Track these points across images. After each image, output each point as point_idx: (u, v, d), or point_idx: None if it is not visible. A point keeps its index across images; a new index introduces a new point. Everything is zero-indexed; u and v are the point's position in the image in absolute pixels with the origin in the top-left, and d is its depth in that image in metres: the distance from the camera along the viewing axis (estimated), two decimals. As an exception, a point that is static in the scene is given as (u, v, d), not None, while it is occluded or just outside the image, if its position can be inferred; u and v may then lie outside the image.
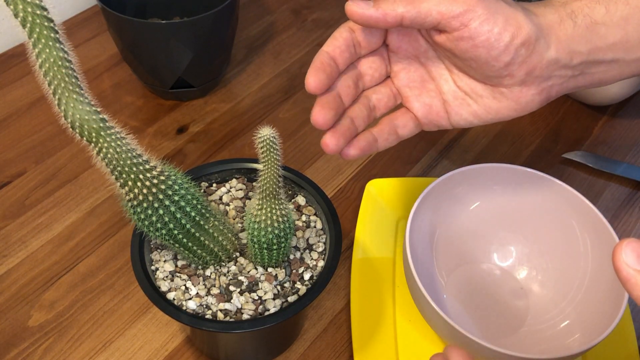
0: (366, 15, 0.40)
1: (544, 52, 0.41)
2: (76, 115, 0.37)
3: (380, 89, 0.47)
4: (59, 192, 0.65)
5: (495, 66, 0.41)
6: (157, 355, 0.53)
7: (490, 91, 0.44)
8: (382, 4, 0.40)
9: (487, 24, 0.40)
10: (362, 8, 0.40)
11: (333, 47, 0.43)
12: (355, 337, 0.53)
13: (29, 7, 0.33)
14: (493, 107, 0.45)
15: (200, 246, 0.46)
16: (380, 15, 0.40)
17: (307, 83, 0.42)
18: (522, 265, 0.57)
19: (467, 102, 0.45)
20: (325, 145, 0.43)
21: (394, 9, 0.40)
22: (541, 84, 0.43)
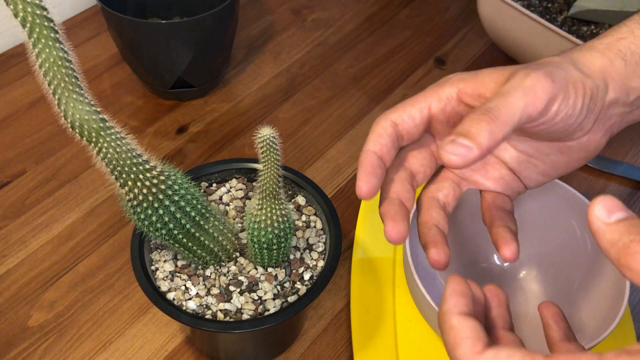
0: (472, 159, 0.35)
1: (604, 96, 0.41)
2: (76, 115, 0.37)
3: (443, 183, 0.45)
4: (59, 192, 0.65)
5: (569, 130, 0.40)
6: (157, 355, 0.53)
7: (557, 148, 0.43)
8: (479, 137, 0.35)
9: (565, 101, 0.38)
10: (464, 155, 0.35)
11: (380, 146, 0.41)
12: (355, 337, 0.53)
13: (29, 7, 0.33)
14: (562, 162, 0.43)
15: (200, 246, 0.46)
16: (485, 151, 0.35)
17: (359, 189, 0.40)
18: (522, 265, 0.57)
19: (534, 164, 0.44)
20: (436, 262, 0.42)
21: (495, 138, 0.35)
22: (605, 125, 0.42)
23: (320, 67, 0.79)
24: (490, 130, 0.35)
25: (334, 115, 0.74)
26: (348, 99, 0.75)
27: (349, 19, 0.87)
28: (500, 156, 0.44)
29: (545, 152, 0.43)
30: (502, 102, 0.36)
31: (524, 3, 0.77)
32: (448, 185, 0.45)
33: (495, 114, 0.36)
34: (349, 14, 0.88)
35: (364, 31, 0.85)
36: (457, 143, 0.35)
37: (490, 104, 0.36)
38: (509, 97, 0.36)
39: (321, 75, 0.78)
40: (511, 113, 0.36)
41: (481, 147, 0.35)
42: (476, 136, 0.35)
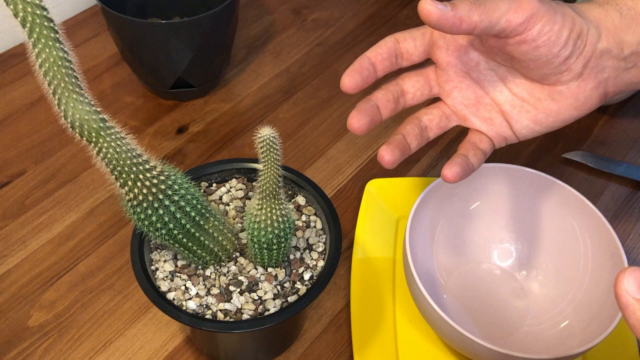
0: (444, 17, 0.39)
1: (596, 42, 0.42)
2: (76, 115, 0.37)
3: (432, 110, 0.47)
4: (59, 192, 0.65)
5: (554, 62, 0.42)
6: (157, 355, 0.53)
7: (548, 92, 0.44)
8: (459, 9, 0.39)
9: (548, 24, 0.41)
10: (440, 9, 0.39)
11: (375, 53, 0.45)
12: (355, 337, 0.53)
13: (29, 7, 0.33)
14: (553, 109, 0.45)
15: (200, 246, 0.46)
16: (457, 19, 0.39)
17: (342, 82, 0.44)
18: (522, 265, 0.57)
19: (526, 109, 0.45)
20: (381, 157, 0.45)
21: (469, 17, 0.39)
22: (597, 76, 0.43)
23: (320, 67, 0.79)
24: (470, 9, 0.40)
25: (334, 115, 0.74)
26: (348, 99, 0.75)
27: (349, 19, 0.87)
28: (495, 98, 0.46)
29: (537, 97, 0.45)
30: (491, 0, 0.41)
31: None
32: (436, 113, 0.47)
33: (480, 3, 0.40)
34: (349, 14, 0.88)
35: (364, 31, 0.85)
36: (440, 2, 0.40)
37: None
38: None
39: (321, 75, 0.78)
40: (492, 8, 0.40)
41: (456, 13, 0.39)
42: (456, 6, 0.40)
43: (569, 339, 0.49)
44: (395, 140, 0.45)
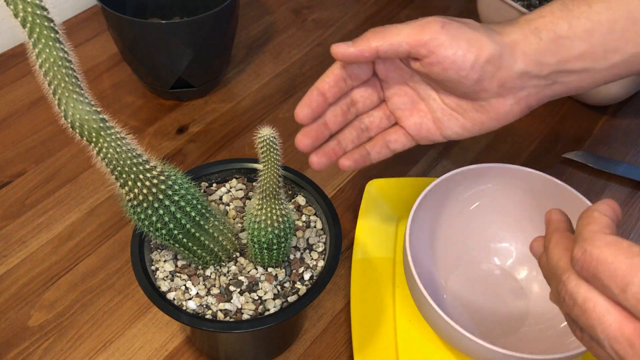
0: (347, 54, 0.47)
1: (512, 65, 0.46)
2: (76, 115, 0.37)
3: (374, 112, 0.52)
4: (59, 192, 0.65)
5: (466, 84, 0.46)
6: (157, 355, 0.53)
7: (472, 105, 0.48)
8: (358, 43, 0.46)
9: (451, 49, 0.45)
10: (343, 48, 0.47)
11: (322, 83, 0.49)
12: (355, 337, 0.53)
13: (29, 7, 0.33)
14: (477, 119, 0.49)
15: (200, 246, 0.46)
16: (358, 51, 0.46)
17: (295, 115, 0.49)
18: (522, 265, 0.57)
19: (455, 117, 0.50)
20: (310, 163, 0.50)
21: (368, 45, 0.46)
22: (517, 94, 0.47)
23: (320, 67, 0.79)
24: (368, 39, 0.46)
25: (334, 115, 0.74)
26: (348, 99, 0.75)
27: (349, 19, 0.87)
28: (429, 105, 0.51)
29: (464, 108, 0.49)
30: (393, 27, 0.46)
31: (524, 3, 0.77)
32: (377, 115, 0.52)
33: (381, 31, 0.47)
34: (349, 14, 0.88)
35: (364, 31, 0.84)
36: (345, 43, 0.47)
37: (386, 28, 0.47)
38: (402, 26, 0.46)
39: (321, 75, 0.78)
40: (392, 35, 0.46)
41: (356, 47, 0.46)
42: (357, 41, 0.47)
43: (569, 339, 0.49)
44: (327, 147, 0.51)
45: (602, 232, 0.33)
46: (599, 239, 0.32)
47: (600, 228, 0.33)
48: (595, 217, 0.34)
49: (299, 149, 0.49)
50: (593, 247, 0.32)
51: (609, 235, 0.33)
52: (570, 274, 0.34)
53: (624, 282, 0.30)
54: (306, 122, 0.49)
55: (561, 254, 0.36)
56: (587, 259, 0.32)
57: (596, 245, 0.32)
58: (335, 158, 0.51)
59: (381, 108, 0.52)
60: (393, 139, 0.52)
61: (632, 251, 0.31)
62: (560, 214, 0.41)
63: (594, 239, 0.32)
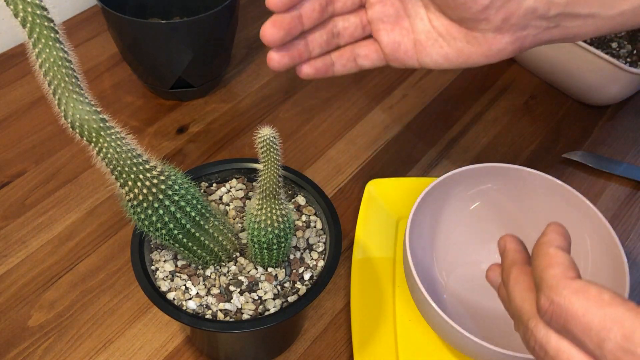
0: None
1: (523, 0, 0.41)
2: (76, 115, 0.37)
3: (350, 17, 0.46)
4: (59, 192, 0.65)
5: (472, 8, 0.41)
6: (157, 355, 0.53)
7: (465, 34, 0.44)
8: None
9: None
10: None
11: None
12: (355, 337, 0.53)
13: (29, 7, 0.33)
14: (464, 51, 0.44)
15: (200, 246, 0.46)
16: None
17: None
18: (522, 265, 0.57)
19: (440, 44, 0.45)
20: (269, 60, 0.43)
21: None
22: (516, 32, 0.43)
23: (320, 67, 0.79)
24: None
25: (334, 115, 0.74)
26: (348, 99, 0.75)
27: None
28: (415, 25, 0.45)
29: (454, 36, 0.44)
30: None
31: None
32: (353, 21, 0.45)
33: None
34: (349, 14, 0.88)
35: (364, 31, 0.85)
36: None
37: None
38: None
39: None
40: None
41: None
42: None
43: (569, 339, 0.49)
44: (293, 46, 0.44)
45: (566, 276, 0.31)
46: (565, 287, 0.31)
47: (563, 271, 0.32)
48: (553, 254, 0.33)
49: (265, 41, 0.42)
50: (560, 297, 0.30)
51: (574, 280, 0.31)
52: (537, 321, 0.32)
53: (598, 337, 0.29)
54: (281, 10, 0.42)
55: (524, 295, 0.34)
56: (555, 310, 0.30)
57: (563, 295, 0.30)
58: (299, 60, 0.45)
59: (359, 14, 0.46)
60: (363, 53, 0.46)
61: (602, 299, 0.29)
62: (515, 242, 0.39)
63: (559, 286, 0.31)
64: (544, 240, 0.35)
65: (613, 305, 0.29)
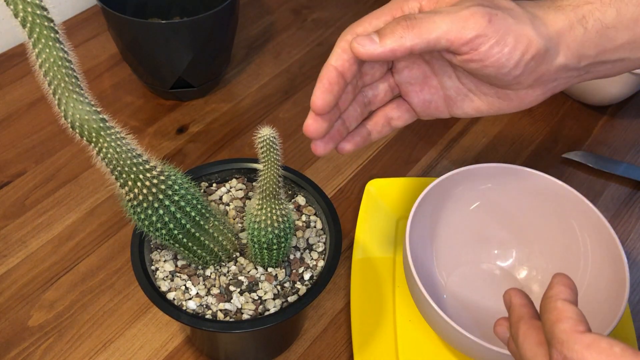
0: (374, 54, 0.39)
1: (553, 60, 0.41)
2: (76, 115, 0.37)
3: (378, 85, 0.46)
4: (59, 192, 0.65)
5: (504, 80, 0.41)
6: (157, 355, 0.53)
7: (495, 92, 0.44)
8: (387, 38, 0.39)
9: (497, 47, 0.39)
10: (368, 47, 0.39)
11: (342, 61, 0.41)
12: (355, 337, 0.53)
13: (29, 7, 0.33)
14: (496, 105, 0.45)
15: (200, 246, 0.46)
16: (388, 52, 0.39)
17: (314, 102, 0.41)
18: (522, 265, 0.57)
19: (470, 98, 0.45)
20: (315, 150, 0.44)
21: (401, 44, 0.38)
22: (547, 85, 0.43)
23: (320, 67, 0.78)
24: (400, 35, 0.39)
25: (334, 115, 0.74)
26: (348, 99, 0.75)
27: (349, 19, 0.87)
28: (443, 82, 0.45)
29: (484, 92, 0.44)
30: (427, 18, 0.39)
31: (524, 3, 0.77)
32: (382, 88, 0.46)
33: (413, 24, 0.39)
34: (349, 14, 0.88)
35: (364, 31, 0.85)
36: (368, 37, 0.39)
37: (418, 15, 0.39)
38: (437, 17, 0.39)
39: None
40: (429, 30, 0.39)
41: (384, 47, 0.38)
42: (385, 36, 0.39)
43: (569, 339, 0.49)
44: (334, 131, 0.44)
45: (577, 330, 0.32)
46: (577, 342, 0.31)
47: (573, 325, 0.32)
48: (561, 308, 0.33)
49: (309, 136, 0.43)
50: (572, 352, 0.31)
51: (585, 334, 0.31)
52: None
53: None
54: (325, 112, 0.41)
55: (535, 350, 0.34)
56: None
57: (575, 350, 0.31)
58: (340, 140, 0.45)
59: (386, 79, 0.46)
60: (396, 115, 0.46)
61: (614, 353, 0.30)
62: (521, 297, 0.39)
63: (570, 341, 0.31)
64: (551, 294, 0.35)
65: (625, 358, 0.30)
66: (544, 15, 0.42)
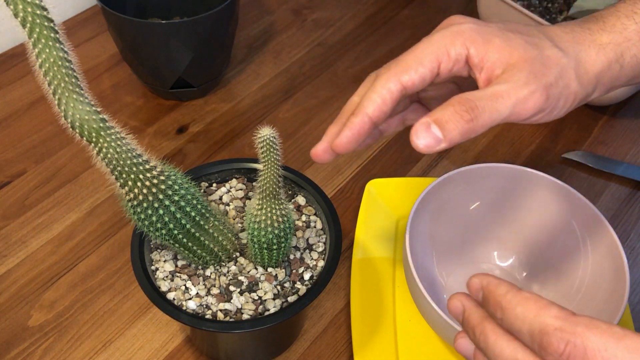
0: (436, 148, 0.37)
1: (586, 98, 0.41)
2: (76, 115, 0.37)
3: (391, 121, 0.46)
4: (59, 192, 0.65)
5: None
6: (157, 355, 0.53)
7: None
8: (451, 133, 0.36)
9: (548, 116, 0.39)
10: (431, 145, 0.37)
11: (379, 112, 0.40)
12: (355, 337, 0.53)
13: (29, 7, 0.33)
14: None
15: (200, 246, 0.46)
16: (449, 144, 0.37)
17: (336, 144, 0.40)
18: (522, 265, 0.57)
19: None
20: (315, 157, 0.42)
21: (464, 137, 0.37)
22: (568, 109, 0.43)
23: (320, 67, 0.79)
24: (465, 129, 0.36)
25: (334, 115, 0.73)
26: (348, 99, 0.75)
27: (349, 19, 0.87)
28: None
29: None
30: (490, 106, 0.37)
31: (524, 3, 0.77)
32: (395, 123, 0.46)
33: (477, 115, 0.37)
34: (349, 14, 0.88)
35: (364, 31, 0.85)
36: (430, 131, 0.36)
37: (479, 102, 0.37)
38: (498, 102, 0.37)
39: (321, 75, 0.78)
40: (493, 118, 0.37)
41: (450, 142, 0.36)
42: (449, 132, 0.36)
43: (569, 339, 0.49)
44: None
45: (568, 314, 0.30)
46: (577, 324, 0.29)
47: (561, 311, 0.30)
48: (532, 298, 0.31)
49: (317, 161, 0.42)
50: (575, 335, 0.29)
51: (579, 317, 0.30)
52: None
53: None
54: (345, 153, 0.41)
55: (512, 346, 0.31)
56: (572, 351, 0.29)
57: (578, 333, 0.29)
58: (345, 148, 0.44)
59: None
60: (412, 118, 0.46)
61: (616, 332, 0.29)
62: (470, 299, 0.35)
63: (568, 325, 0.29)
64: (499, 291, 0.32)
65: (628, 337, 0.29)
66: (586, 58, 0.41)
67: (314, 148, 0.42)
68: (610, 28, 0.42)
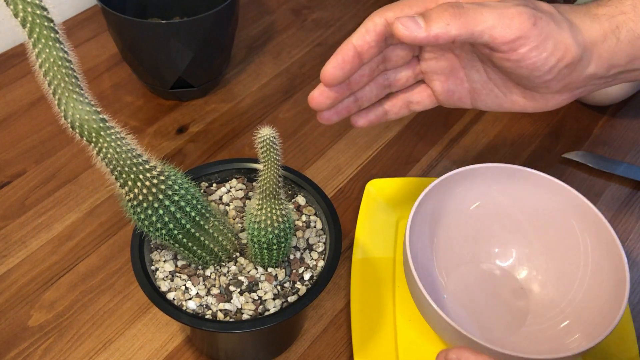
0: (417, 38, 0.38)
1: (585, 69, 0.42)
2: (76, 115, 0.37)
3: (402, 70, 0.46)
4: (59, 192, 0.65)
5: (534, 82, 0.42)
6: (157, 355, 0.53)
7: (521, 91, 0.44)
8: (433, 24, 0.38)
9: (536, 50, 0.39)
10: (412, 29, 0.38)
11: (362, 42, 0.41)
12: (355, 337, 0.53)
13: (29, 7, 0.33)
14: (520, 103, 0.45)
15: (200, 246, 0.46)
16: (432, 37, 0.38)
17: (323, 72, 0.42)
18: (522, 265, 0.57)
19: (495, 94, 0.45)
20: (319, 118, 0.44)
21: (446, 31, 0.38)
22: (574, 91, 0.43)
23: (320, 67, 0.78)
24: (447, 23, 0.38)
25: (334, 115, 0.74)
26: (348, 99, 0.75)
27: (349, 19, 0.87)
28: (470, 75, 0.45)
29: (510, 89, 0.44)
30: (475, 9, 0.39)
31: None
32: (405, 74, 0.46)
33: (461, 13, 0.38)
34: (349, 14, 0.88)
35: (364, 31, 0.85)
36: (412, 19, 0.38)
37: (466, 4, 0.39)
38: (485, 9, 0.38)
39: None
40: (476, 21, 0.38)
41: (429, 32, 0.38)
42: (431, 21, 0.38)
43: (569, 339, 0.49)
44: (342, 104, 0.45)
45: None
46: None
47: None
48: None
49: (312, 106, 0.43)
50: None
51: None
52: None
53: None
54: (332, 86, 0.42)
55: None
56: None
57: None
58: (348, 115, 0.46)
59: (411, 65, 0.46)
60: (416, 100, 0.46)
61: None
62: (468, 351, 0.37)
63: None
64: None
65: None
66: (581, 24, 0.41)
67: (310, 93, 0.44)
68: (605, 2, 0.43)
